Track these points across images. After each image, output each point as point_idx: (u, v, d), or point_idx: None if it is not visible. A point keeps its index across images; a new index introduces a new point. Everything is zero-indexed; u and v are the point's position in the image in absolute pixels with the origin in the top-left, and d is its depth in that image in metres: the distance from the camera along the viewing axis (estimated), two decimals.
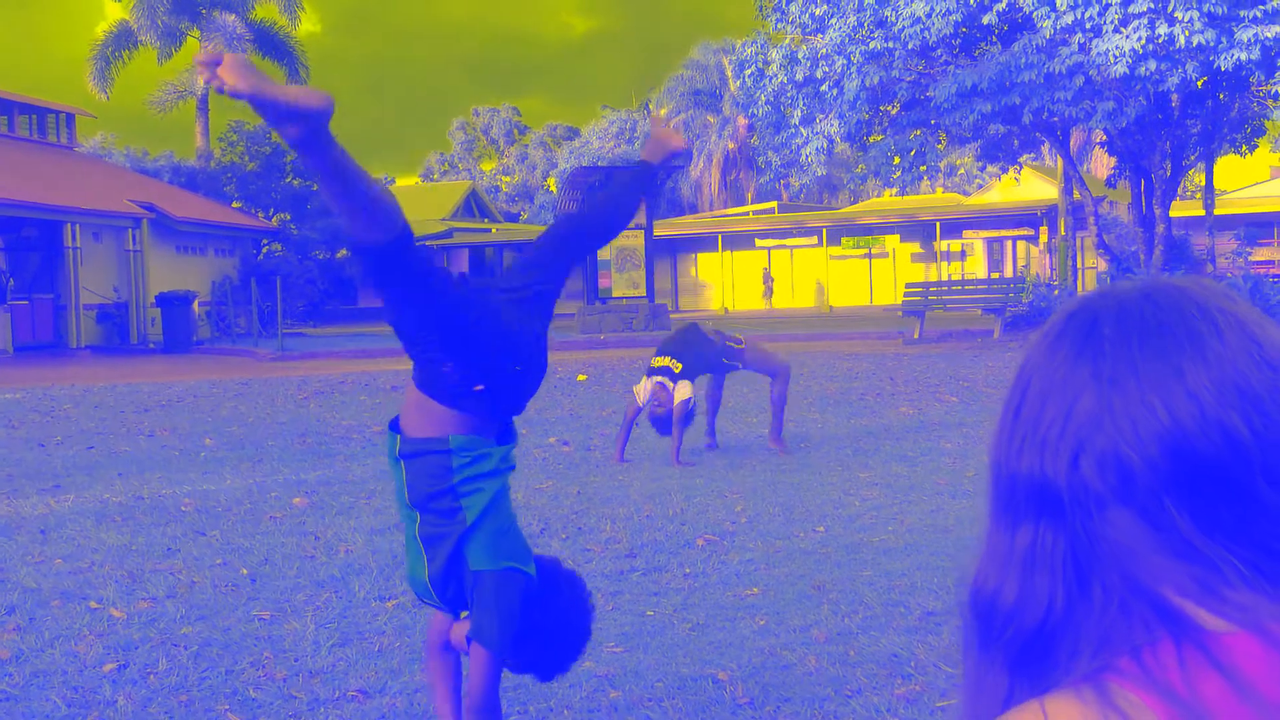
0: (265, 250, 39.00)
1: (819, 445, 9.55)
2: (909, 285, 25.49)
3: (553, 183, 62.40)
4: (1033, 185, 43.76)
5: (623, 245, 28.84)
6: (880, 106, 23.68)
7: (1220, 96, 22.66)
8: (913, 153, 24.43)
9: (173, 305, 27.71)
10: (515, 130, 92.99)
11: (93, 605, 5.34)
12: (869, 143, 25.29)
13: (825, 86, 22.47)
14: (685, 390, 8.84)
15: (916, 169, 24.83)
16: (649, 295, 29.18)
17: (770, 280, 45.52)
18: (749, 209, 54.51)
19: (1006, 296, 23.82)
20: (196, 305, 29.59)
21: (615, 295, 28.75)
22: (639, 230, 28.94)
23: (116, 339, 29.86)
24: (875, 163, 25.40)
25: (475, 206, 59.94)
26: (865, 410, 11.81)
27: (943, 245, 43.50)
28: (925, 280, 30.39)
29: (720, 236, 46.24)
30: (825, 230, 44.62)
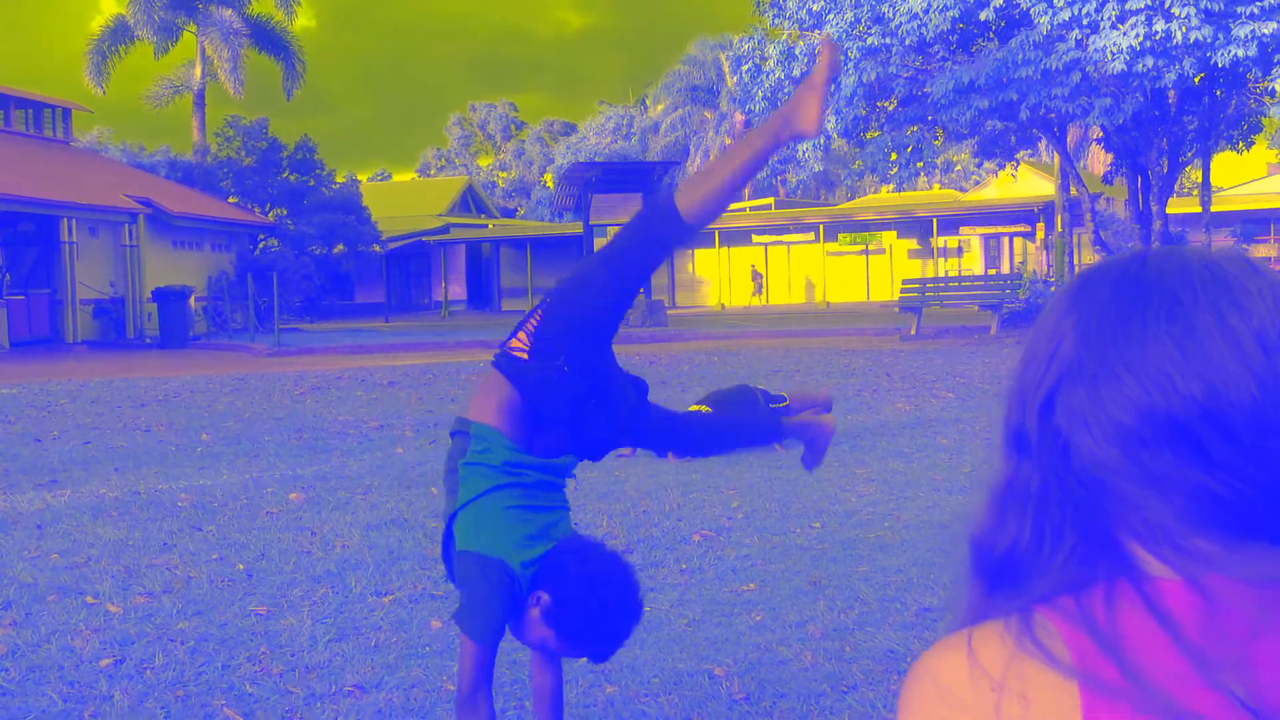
0: (262, 246, 38.96)
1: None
2: (906, 281, 25.50)
3: (549, 178, 62.41)
4: (1029, 182, 43.82)
5: None
6: (877, 103, 23.70)
7: (1217, 93, 22.69)
8: (910, 149, 24.46)
9: (169, 301, 27.68)
10: (512, 126, 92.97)
11: (89, 600, 5.34)
12: (866, 139, 25.31)
13: None
14: None
15: (913, 165, 24.86)
16: (646, 291, 29.17)
17: (760, 277, 45.50)
18: (746, 205, 54.51)
19: (1003, 293, 23.84)
20: (193, 301, 29.55)
21: None
22: None
23: (113, 334, 29.84)
24: (872, 159, 25.43)
25: (472, 202, 59.95)
26: (862, 406, 11.82)
27: (939, 242, 43.52)
28: (922, 276, 30.41)
29: (717, 232, 46.22)
30: (822, 226, 44.65)
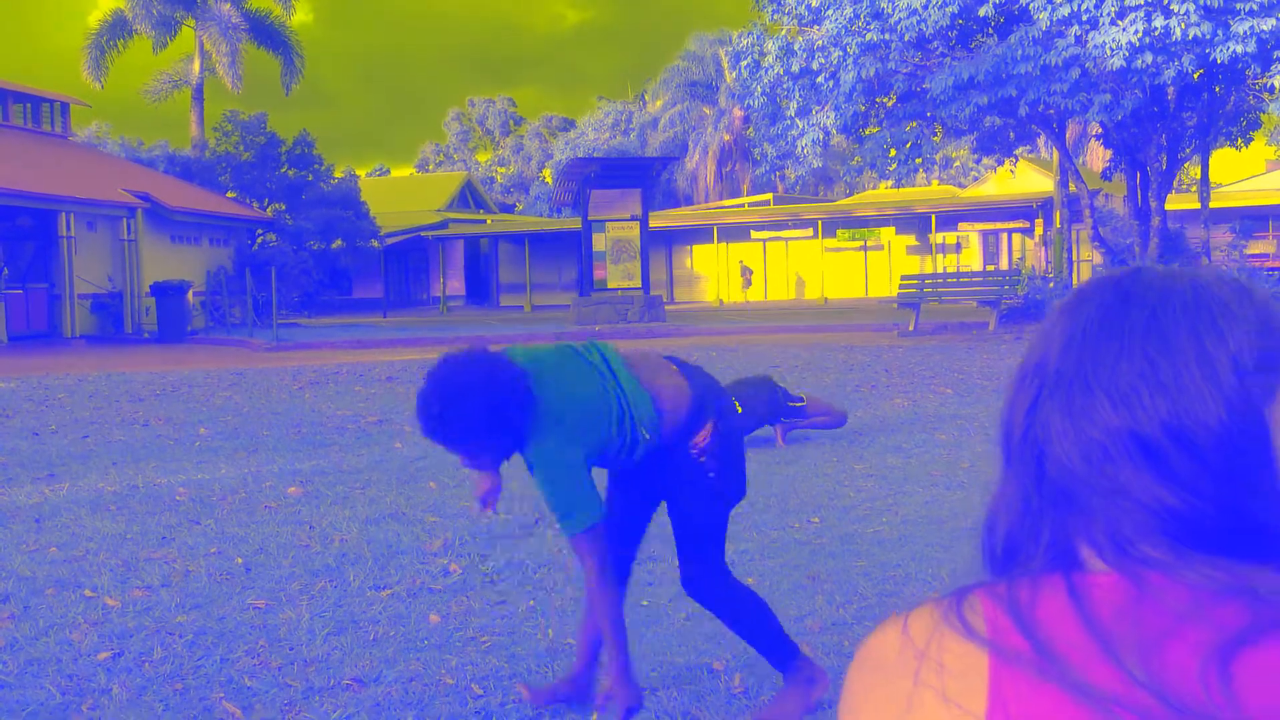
0: (260, 240, 38.94)
1: (814, 437, 9.55)
2: (904, 278, 25.50)
3: (548, 174, 62.40)
4: (1028, 178, 43.79)
5: (618, 237, 28.81)
6: (876, 98, 23.69)
7: (1216, 89, 22.68)
8: (908, 145, 24.44)
9: (167, 295, 27.68)
10: (511, 121, 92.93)
11: (88, 593, 5.34)
12: (865, 135, 25.30)
13: (821, 78, 22.47)
14: None
15: (912, 161, 24.85)
16: (644, 287, 29.15)
17: (749, 273, 45.47)
18: (744, 201, 54.47)
19: (1001, 289, 23.83)
20: (191, 295, 29.55)
21: (610, 287, 28.70)
22: (634, 222, 28.90)
23: (111, 328, 29.82)
24: (871, 155, 25.42)
25: (470, 197, 59.95)
26: (860, 402, 11.81)
27: (938, 238, 43.50)
28: (920, 273, 30.41)
29: (715, 228, 46.20)
30: (821, 222, 44.62)
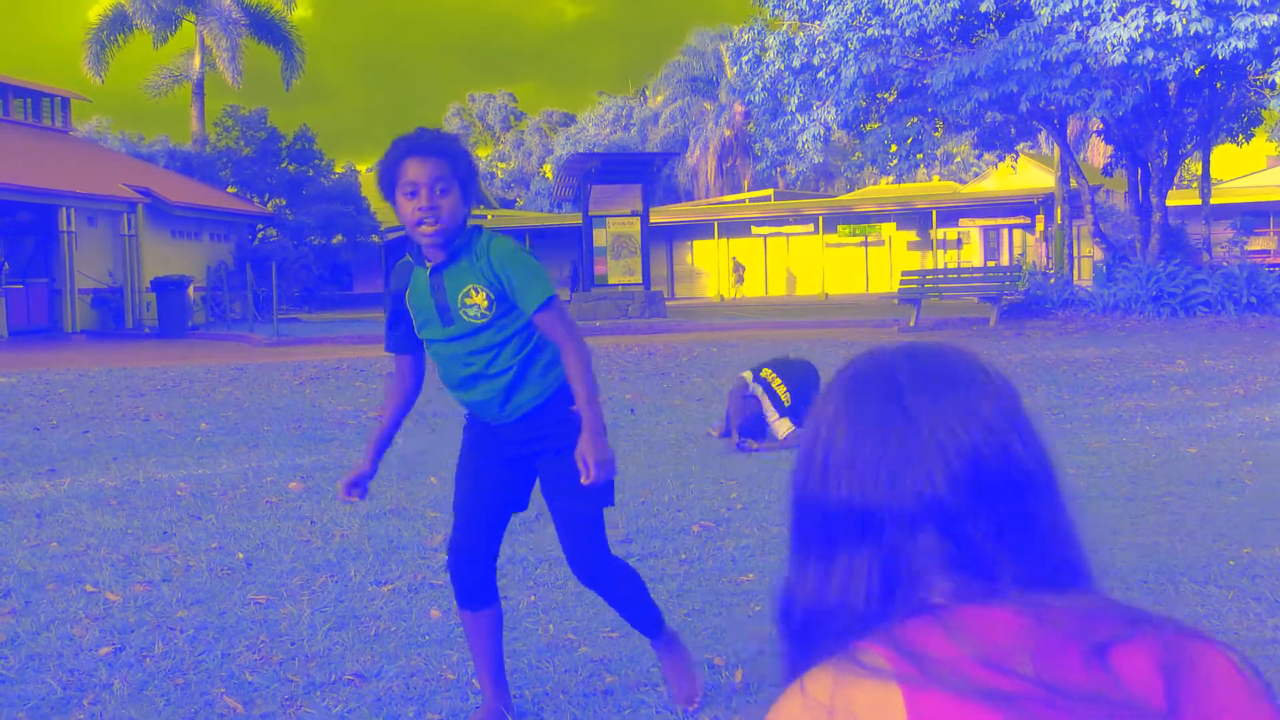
0: (260, 235, 38.95)
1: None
2: (905, 273, 25.49)
3: (549, 169, 62.33)
4: (1029, 173, 43.77)
5: (619, 232, 28.80)
6: (877, 94, 23.67)
7: (1217, 85, 22.66)
8: (909, 140, 24.43)
9: (168, 290, 27.68)
10: (511, 116, 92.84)
11: (89, 589, 5.34)
12: (866, 130, 25.27)
13: (822, 74, 22.45)
14: (786, 428, 9.11)
15: (913, 157, 24.84)
16: (645, 282, 29.14)
17: (741, 269, 45.46)
18: (745, 196, 54.44)
19: (1002, 285, 23.83)
20: (192, 290, 29.55)
21: (611, 282, 28.69)
22: (635, 217, 28.89)
23: (111, 324, 29.83)
24: (872, 150, 25.40)
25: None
26: None
27: (939, 233, 43.49)
28: (921, 268, 30.38)
29: (716, 224, 46.20)
30: (821, 218, 44.60)
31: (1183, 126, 23.72)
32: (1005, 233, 44.35)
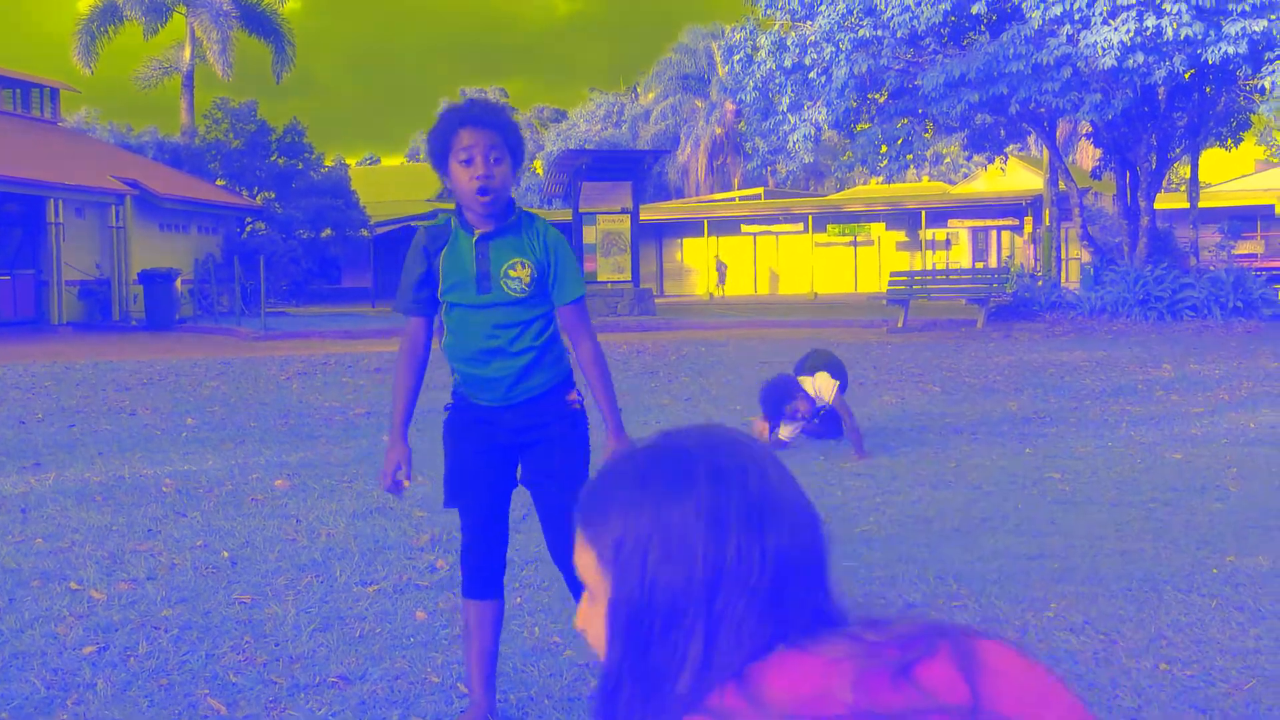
0: (249, 228, 38.86)
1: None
2: (893, 274, 25.53)
3: (539, 165, 62.24)
4: (1018, 175, 43.87)
5: (609, 230, 28.79)
6: (868, 94, 23.70)
7: (1207, 90, 22.73)
8: (900, 141, 24.46)
9: (155, 283, 27.60)
10: None
11: (73, 586, 5.32)
12: (856, 131, 25.30)
13: (814, 74, 22.47)
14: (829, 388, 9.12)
15: (903, 158, 24.87)
16: (634, 280, 29.14)
17: (723, 267, 45.53)
18: (735, 194, 54.47)
19: (990, 287, 23.88)
20: (179, 283, 29.47)
21: (600, 279, 28.68)
22: (625, 215, 28.88)
23: (98, 316, 29.74)
24: (862, 151, 25.43)
25: None
26: (849, 399, 11.81)
27: (928, 234, 43.58)
28: (910, 269, 30.43)
29: (706, 222, 46.22)
30: (811, 217, 44.66)
31: (1172, 130, 23.79)
32: (994, 234, 44.45)
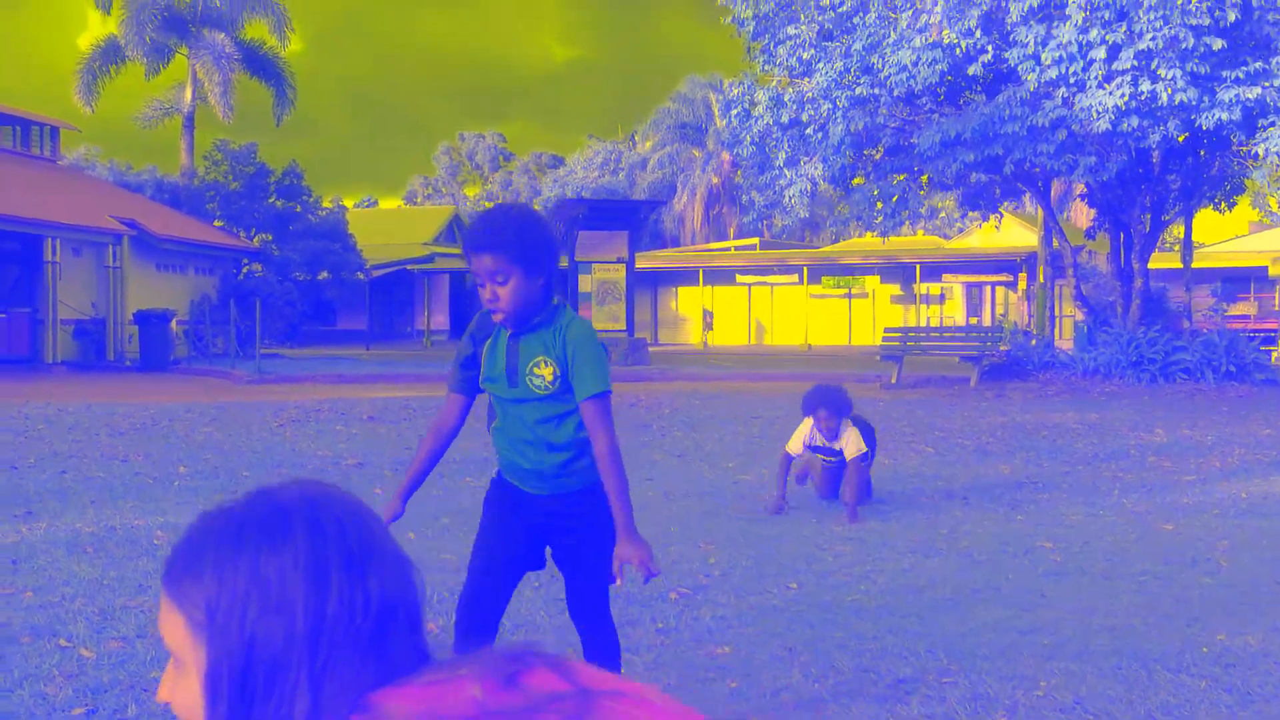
0: (246, 270, 38.93)
1: (792, 496, 9.52)
2: (887, 330, 25.61)
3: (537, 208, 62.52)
4: (1013, 232, 44.13)
5: (604, 279, 28.89)
6: (864, 151, 23.86)
7: (1201, 154, 22.92)
8: (895, 198, 24.60)
9: (151, 323, 27.63)
10: (500, 157, 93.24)
11: (62, 643, 5.31)
12: (852, 185, 25.45)
13: (810, 130, 22.63)
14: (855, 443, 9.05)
15: (899, 213, 25.00)
16: (629, 329, 29.21)
17: (710, 315, 45.71)
18: (731, 244, 54.68)
19: (984, 345, 23.95)
20: (175, 324, 29.50)
21: (595, 328, 28.71)
22: (621, 264, 29.00)
23: (93, 355, 29.72)
24: (858, 206, 25.57)
25: (458, 231, 60.05)
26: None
27: (922, 288, 43.77)
28: (904, 325, 30.55)
29: (701, 271, 46.40)
30: (806, 269, 44.87)
31: (1166, 193, 23.95)
32: (988, 289, 44.65)
